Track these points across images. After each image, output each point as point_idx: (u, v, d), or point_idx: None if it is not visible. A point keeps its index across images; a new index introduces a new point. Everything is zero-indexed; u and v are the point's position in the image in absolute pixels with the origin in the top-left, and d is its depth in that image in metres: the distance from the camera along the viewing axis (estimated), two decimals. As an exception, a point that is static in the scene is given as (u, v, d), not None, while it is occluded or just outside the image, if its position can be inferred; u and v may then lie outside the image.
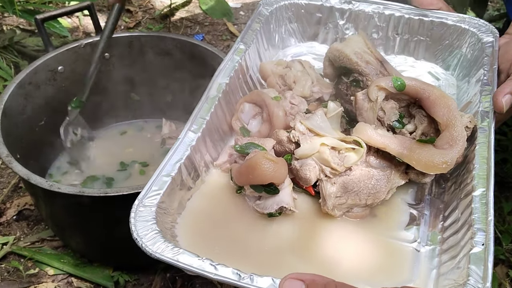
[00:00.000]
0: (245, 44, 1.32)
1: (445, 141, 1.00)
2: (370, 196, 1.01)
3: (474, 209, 0.93)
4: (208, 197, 1.06)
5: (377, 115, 1.08)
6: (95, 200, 1.32)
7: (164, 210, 0.94)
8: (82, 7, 1.86)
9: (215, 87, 1.18)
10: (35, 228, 1.83)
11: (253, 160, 0.98)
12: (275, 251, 0.97)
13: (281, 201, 1.01)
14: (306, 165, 1.01)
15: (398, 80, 1.06)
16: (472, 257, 0.86)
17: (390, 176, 1.02)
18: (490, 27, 1.40)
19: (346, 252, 0.97)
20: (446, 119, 1.02)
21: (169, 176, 0.98)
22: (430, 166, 0.98)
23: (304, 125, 1.05)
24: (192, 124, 1.09)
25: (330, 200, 1.00)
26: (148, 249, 0.83)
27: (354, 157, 1.01)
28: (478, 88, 1.23)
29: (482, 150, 1.04)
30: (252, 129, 1.18)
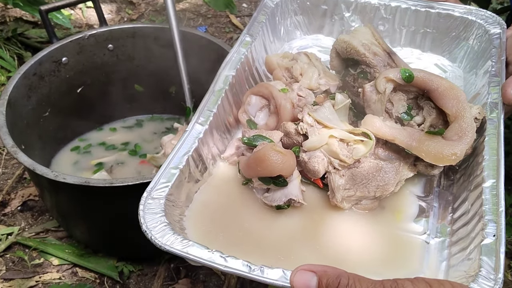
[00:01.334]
0: (251, 36, 1.32)
1: (454, 133, 0.99)
2: (379, 188, 1.00)
3: (485, 200, 0.93)
4: (216, 190, 1.06)
5: (385, 107, 1.08)
6: (100, 190, 1.32)
7: (173, 203, 0.94)
8: (86, -2, 1.85)
9: (221, 79, 1.17)
10: (39, 219, 1.84)
11: (261, 152, 0.98)
12: (284, 243, 0.96)
13: (289, 193, 1.00)
14: (315, 157, 1.00)
15: (407, 72, 1.05)
16: (483, 248, 0.85)
17: (398, 168, 1.02)
18: (497, 19, 1.39)
19: (355, 244, 0.97)
20: (455, 110, 1.01)
21: (177, 168, 0.97)
22: (439, 158, 0.97)
23: (312, 117, 1.04)
24: (200, 117, 1.08)
25: (339, 193, 0.99)
26: (157, 241, 0.83)
27: (363, 149, 1.00)
28: (486, 80, 1.22)
29: (492, 141, 1.03)
30: (259, 121, 1.17)
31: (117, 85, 1.98)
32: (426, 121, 1.07)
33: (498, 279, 0.80)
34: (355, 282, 0.71)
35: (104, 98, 1.98)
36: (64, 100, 1.84)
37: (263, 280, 0.79)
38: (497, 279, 0.81)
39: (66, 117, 1.87)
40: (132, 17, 2.85)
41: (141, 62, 1.96)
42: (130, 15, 2.86)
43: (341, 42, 1.21)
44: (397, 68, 1.11)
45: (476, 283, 0.80)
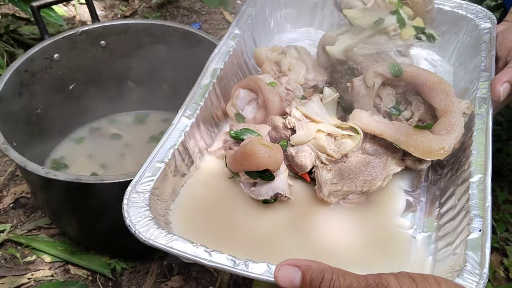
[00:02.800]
0: (240, 29, 1.31)
1: (443, 127, 0.99)
2: (366, 183, 1.00)
3: (471, 195, 0.93)
4: (203, 184, 1.05)
5: (373, 102, 1.08)
6: (92, 187, 1.31)
7: (158, 197, 0.93)
8: (78, -6, 1.84)
9: (209, 72, 1.17)
10: (32, 216, 1.83)
11: (248, 146, 0.97)
12: (271, 238, 0.96)
13: (276, 187, 1.00)
14: (302, 151, 1.00)
15: (396, 66, 1.05)
16: (469, 243, 0.85)
17: (386, 163, 1.02)
18: (487, 13, 1.39)
19: (342, 238, 0.97)
20: (443, 105, 1.01)
21: (162, 162, 0.97)
22: (427, 152, 0.97)
23: (300, 111, 1.04)
24: (186, 110, 1.08)
25: (326, 187, 0.99)
26: (141, 235, 0.83)
27: (350, 143, 1.00)
28: (475, 75, 1.22)
29: (480, 136, 1.03)
30: (247, 115, 1.17)
31: (110, 82, 1.96)
32: (414, 115, 1.07)
33: (483, 274, 0.80)
34: (339, 277, 0.71)
35: (96, 95, 1.96)
36: (56, 97, 1.82)
37: (248, 274, 0.79)
38: (482, 274, 0.80)
39: (58, 114, 1.85)
40: (125, 13, 2.84)
41: (134, 59, 1.94)
42: (124, 12, 2.85)
43: (328, 38, 1.21)
44: (386, 62, 1.11)
45: (461, 278, 0.80)
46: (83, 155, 1.91)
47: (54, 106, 1.82)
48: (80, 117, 1.99)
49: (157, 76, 1.98)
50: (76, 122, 1.99)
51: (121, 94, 2.03)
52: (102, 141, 1.97)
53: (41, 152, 1.85)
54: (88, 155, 1.91)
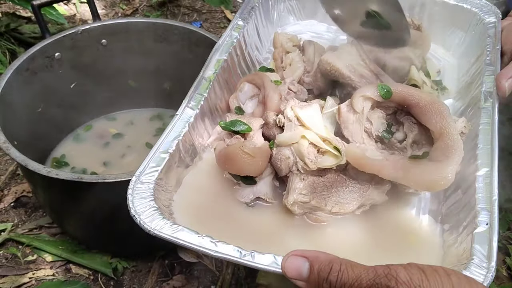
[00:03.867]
0: (244, 20, 1.30)
1: (441, 152, 0.92)
2: (338, 204, 0.95)
3: (478, 188, 0.92)
4: (205, 175, 1.04)
5: (364, 127, 1.01)
6: (94, 186, 1.31)
7: (162, 187, 0.92)
8: (80, -8, 1.84)
9: (213, 63, 1.16)
10: (33, 215, 1.82)
11: (230, 151, 0.96)
12: (275, 230, 0.95)
13: (258, 191, 0.98)
14: (280, 154, 0.97)
15: (384, 88, 0.99)
16: (476, 236, 0.84)
17: (365, 192, 0.96)
18: (492, 8, 1.38)
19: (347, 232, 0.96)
20: (439, 126, 0.94)
21: (167, 152, 0.96)
22: (430, 185, 0.90)
23: (294, 112, 1.00)
24: (190, 101, 1.07)
25: (293, 195, 0.94)
26: (146, 226, 0.81)
27: (329, 161, 0.94)
28: (480, 68, 1.21)
29: (486, 130, 1.02)
30: (247, 109, 1.15)
31: (111, 81, 1.96)
32: (408, 137, 1.00)
33: (490, 268, 0.79)
34: (347, 268, 0.70)
35: (97, 94, 1.96)
36: (57, 96, 1.81)
37: (254, 265, 0.78)
38: (489, 267, 0.79)
39: (59, 113, 1.84)
40: (126, 12, 2.83)
41: (135, 58, 1.94)
42: (124, 10, 2.85)
43: (325, 64, 1.14)
44: (373, 84, 1.05)
45: (468, 271, 0.79)
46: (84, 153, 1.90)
47: (55, 104, 1.81)
48: (81, 116, 1.98)
49: (158, 75, 1.97)
50: (77, 120, 1.98)
51: (122, 93, 2.02)
52: (103, 139, 1.97)
53: (42, 151, 1.85)
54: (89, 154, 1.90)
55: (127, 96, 2.04)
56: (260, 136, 1.03)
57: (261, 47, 1.40)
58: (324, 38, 1.48)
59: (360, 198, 0.96)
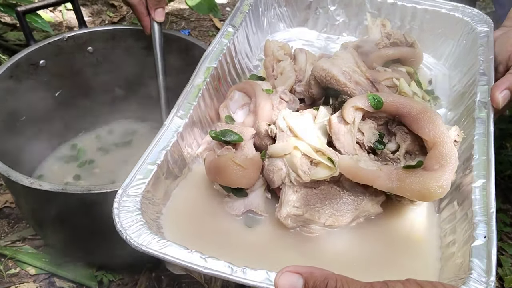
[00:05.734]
0: (234, 27, 1.28)
1: (435, 161, 0.90)
2: (332, 217, 0.93)
3: (474, 200, 0.90)
4: (195, 187, 1.01)
5: (355, 138, 0.99)
6: (78, 197, 1.27)
7: (149, 200, 0.89)
8: (65, -1, 1.81)
9: (202, 71, 1.13)
10: (16, 227, 1.78)
11: (220, 162, 0.93)
12: (266, 245, 0.92)
13: (249, 204, 0.96)
14: (272, 165, 0.95)
15: (375, 98, 0.97)
16: (474, 250, 0.82)
17: (361, 203, 0.94)
18: (484, 17, 1.37)
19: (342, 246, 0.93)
20: (432, 135, 0.92)
21: (155, 164, 0.93)
22: (426, 195, 0.88)
23: (286, 122, 0.98)
24: (179, 110, 1.04)
25: (286, 208, 0.92)
26: (133, 241, 0.79)
27: (323, 172, 0.92)
28: (473, 78, 1.20)
29: (481, 140, 1.00)
30: (237, 119, 1.13)
31: (97, 89, 1.92)
32: (401, 147, 0.98)
33: (490, 283, 0.77)
34: (343, 284, 0.67)
35: (83, 102, 1.92)
36: (42, 104, 1.78)
37: (246, 282, 0.75)
38: (488, 282, 0.77)
39: (43, 122, 1.81)
40: (113, 19, 2.81)
41: (122, 65, 1.91)
42: (111, 18, 2.82)
43: (320, 70, 1.10)
44: (363, 94, 1.02)
45: (467, 286, 0.77)
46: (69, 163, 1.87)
47: (40, 113, 1.78)
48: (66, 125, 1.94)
49: (146, 83, 1.94)
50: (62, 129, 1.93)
51: (108, 101, 1.99)
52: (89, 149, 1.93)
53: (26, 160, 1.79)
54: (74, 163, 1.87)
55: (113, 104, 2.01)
56: (251, 147, 1.00)
57: (251, 55, 1.38)
58: (315, 46, 1.47)
59: (354, 210, 0.94)
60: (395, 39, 1.27)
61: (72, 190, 1.25)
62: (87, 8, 2.85)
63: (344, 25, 1.50)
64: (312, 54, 1.28)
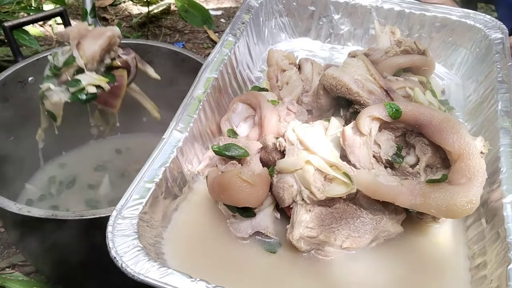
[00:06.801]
0: (234, 36, 1.22)
1: (462, 174, 0.82)
2: (349, 238, 0.86)
3: (507, 217, 0.83)
4: (198, 207, 0.94)
5: (372, 151, 0.92)
6: (70, 223, 1.21)
7: (147, 223, 0.82)
8: (53, 13, 1.76)
9: (202, 82, 1.06)
10: (5, 253, 1.72)
11: (225, 179, 0.86)
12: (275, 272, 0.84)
13: (257, 225, 0.89)
14: (282, 182, 0.87)
15: (393, 107, 0.90)
16: (511, 273, 0.75)
17: (379, 223, 0.87)
18: (497, 23, 1.32)
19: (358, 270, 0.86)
20: (457, 147, 0.84)
21: (153, 182, 0.85)
22: (454, 211, 0.80)
23: (296, 135, 0.90)
24: (178, 123, 0.96)
25: (299, 229, 0.84)
26: (129, 269, 0.71)
27: (339, 189, 0.84)
28: (491, 87, 1.15)
29: (508, 152, 0.94)
30: (241, 132, 1.06)
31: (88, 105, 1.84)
32: (421, 161, 0.91)
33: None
34: None
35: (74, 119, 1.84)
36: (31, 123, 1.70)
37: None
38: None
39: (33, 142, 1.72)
40: (105, 33, 2.76)
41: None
42: (104, 32, 2.77)
43: (330, 78, 1.03)
44: (379, 103, 0.95)
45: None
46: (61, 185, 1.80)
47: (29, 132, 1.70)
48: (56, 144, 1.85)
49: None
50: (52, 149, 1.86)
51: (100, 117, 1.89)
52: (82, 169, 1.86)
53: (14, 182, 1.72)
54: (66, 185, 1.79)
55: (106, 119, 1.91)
56: (258, 162, 0.93)
57: (253, 66, 1.32)
58: (319, 57, 1.42)
59: (373, 231, 0.87)
60: (406, 47, 1.19)
61: (62, 216, 1.20)
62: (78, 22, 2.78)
63: (349, 35, 1.45)
64: (318, 64, 1.22)
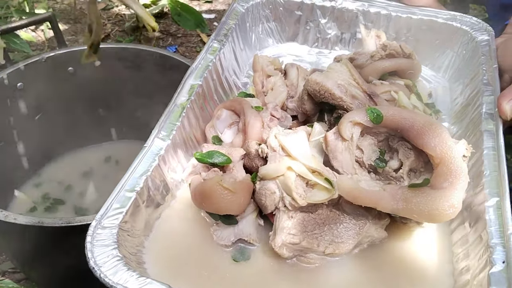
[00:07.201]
0: (219, 42, 1.21)
1: (443, 178, 0.82)
2: (332, 244, 0.85)
3: (489, 221, 0.82)
4: (180, 216, 0.93)
5: (354, 156, 0.92)
6: (57, 231, 1.20)
7: (128, 232, 0.81)
8: (42, 18, 1.76)
9: (186, 89, 1.06)
10: (-6, 260, 1.70)
11: (206, 187, 0.86)
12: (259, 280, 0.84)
13: (240, 232, 0.89)
14: (264, 189, 0.87)
15: (374, 111, 0.89)
16: (492, 277, 0.75)
17: (363, 228, 0.87)
18: (484, 25, 1.31)
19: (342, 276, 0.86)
20: (439, 150, 0.84)
21: (133, 191, 0.85)
22: (435, 216, 0.80)
23: (278, 141, 0.90)
24: (160, 131, 0.96)
25: (281, 236, 0.84)
26: (107, 279, 0.71)
27: (321, 195, 0.84)
28: (476, 89, 1.14)
29: (491, 155, 0.93)
30: (225, 139, 1.05)
31: (79, 110, 1.85)
32: (404, 165, 0.90)
33: (513, 314, 0.70)
34: None
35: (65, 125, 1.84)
36: (21, 129, 1.71)
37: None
38: (512, 314, 0.70)
39: (23, 147, 1.73)
40: (97, 38, 2.75)
41: (105, 85, 1.84)
42: (96, 36, 2.76)
43: (313, 83, 1.03)
44: (361, 108, 0.95)
45: (487, 320, 0.70)
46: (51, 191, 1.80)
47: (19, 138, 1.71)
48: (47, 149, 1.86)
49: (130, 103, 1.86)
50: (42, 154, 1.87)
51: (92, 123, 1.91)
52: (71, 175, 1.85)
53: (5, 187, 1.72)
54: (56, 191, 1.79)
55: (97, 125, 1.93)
56: (241, 169, 0.93)
57: (239, 72, 1.31)
58: (306, 61, 1.41)
59: (356, 236, 0.86)
60: (391, 50, 1.19)
61: (49, 223, 1.18)
62: (71, 27, 2.79)
63: (336, 39, 1.44)
64: (303, 69, 1.22)
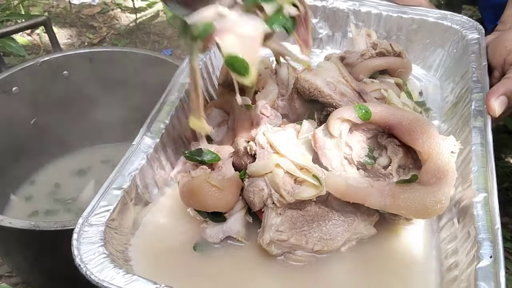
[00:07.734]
0: (210, 41, 1.21)
1: (431, 174, 0.83)
2: (321, 241, 0.85)
3: (477, 216, 0.82)
4: (168, 213, 0.94)
5: (343, 153, 0.92)
6: (52, 234, 1.19)
7: (115, 230, 0.82)
8: (37, 22, 1.75)
9: (176, 87, 1.06)
10: (-9, 264, 1.69)
11: (194, 184, 0.87)
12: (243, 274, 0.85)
13: (228, 229, 0.89)
14: (253, 186, 0.88)
15: (362, 108, 0.90)
16: (479, 272, 0.74)
17: (352, 225, 0.87)
18: (474, 24, 1.32)
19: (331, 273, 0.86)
20: (427, 147, 0.85)
21: (121, 189, 0.85)
22: (423, 212, 0.81)
23: (266, 138, 0.90)
24: (149, 129, 0.96)
25: (269, 233, 0.84)
26: (93, 277, 0.72)
27: (309, 192, 0.84)
28: (466, 87, 1.14)
29: (479, 151, 0.94)
30: (215, 137, 1.06)
31: (74, 115, 1.85)
32: (393, 162, 0.91)
33: (499, 308, 0.70)
34: None
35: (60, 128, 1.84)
36: (16, 133, 1.70)
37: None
38: (498, 307, 0.70)
39: (18, 152, 1.73)
40: (93, 41, 2.74)
41: (100, 89, 1.83)
42: (91, 40, 2.76)
43: (302, 81, 1.04)
44: (349, 105, 0.95)
45: (475, 313, 0.69)
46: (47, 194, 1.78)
47: (14, 143, 1.70)
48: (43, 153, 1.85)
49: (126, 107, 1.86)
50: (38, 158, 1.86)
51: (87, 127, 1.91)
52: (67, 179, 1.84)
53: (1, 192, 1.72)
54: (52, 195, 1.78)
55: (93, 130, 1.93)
56: (230, 166, 0.93)
57: (230, 70, 1.30)
58: (297, 61, 1.39)
59: (345, 233, 0.86)
60: (382, 49, 1.19)
61: (45, 227, 1.17)
62: (66, 30, 2.79)
63: (327, 38, 1.45)
64: (294, 68, 1.21)
